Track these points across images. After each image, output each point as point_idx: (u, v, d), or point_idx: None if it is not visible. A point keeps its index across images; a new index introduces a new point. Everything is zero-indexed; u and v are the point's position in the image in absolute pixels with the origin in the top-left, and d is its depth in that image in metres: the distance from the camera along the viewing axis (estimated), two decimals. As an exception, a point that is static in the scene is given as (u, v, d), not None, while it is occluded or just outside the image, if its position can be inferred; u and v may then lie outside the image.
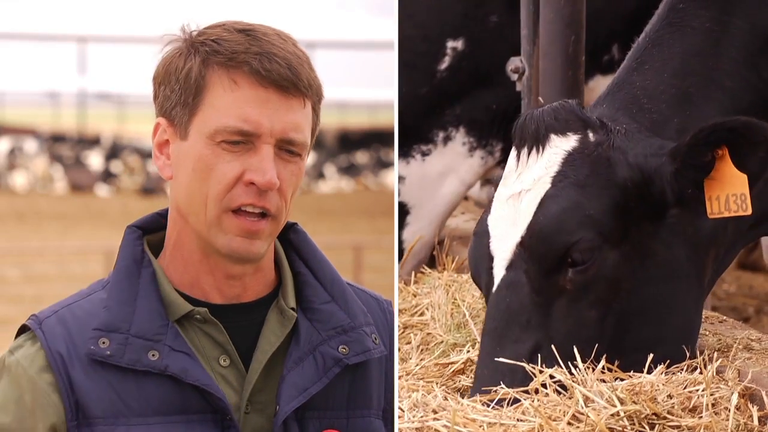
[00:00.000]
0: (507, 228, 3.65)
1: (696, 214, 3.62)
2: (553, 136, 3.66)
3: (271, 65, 2.38)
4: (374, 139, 36.73)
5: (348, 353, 2.48)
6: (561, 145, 3.65)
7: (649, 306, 3.59)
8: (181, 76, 2.41)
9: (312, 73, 2.43)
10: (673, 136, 3.69)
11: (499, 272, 3.65)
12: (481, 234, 3.72)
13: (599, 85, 4.75)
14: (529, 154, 3.67)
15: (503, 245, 3.64)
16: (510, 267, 3.62)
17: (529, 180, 3.65)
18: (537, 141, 3.66)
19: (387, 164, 33.40)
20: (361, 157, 35.54)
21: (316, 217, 23.26)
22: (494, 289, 3.64)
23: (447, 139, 5.11)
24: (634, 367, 3.48)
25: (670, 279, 3.61)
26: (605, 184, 3.60)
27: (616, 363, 3.47)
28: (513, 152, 3.74)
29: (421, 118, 5.06)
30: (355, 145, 36.72)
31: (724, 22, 3.80)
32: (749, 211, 3.57)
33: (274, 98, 2.39)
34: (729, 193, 3.58)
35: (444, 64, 5.06)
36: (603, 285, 3.56)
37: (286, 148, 2.41)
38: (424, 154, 5.12)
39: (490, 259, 3.67)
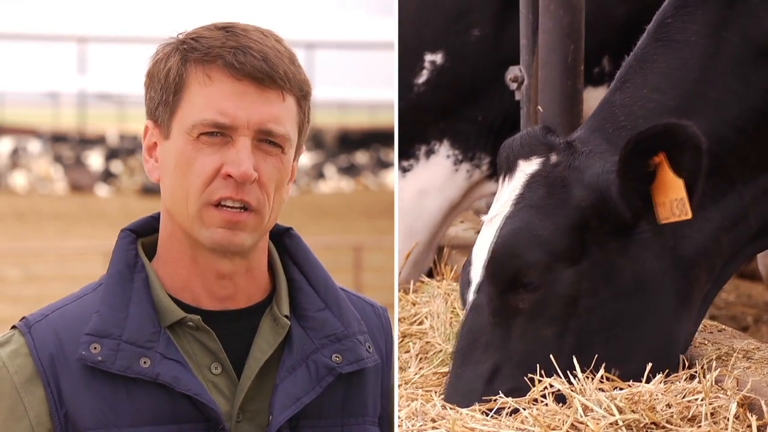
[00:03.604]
0: (481, 253, 3.70)
1: (679, 227, 3.62)
2: (519, 162, 3.74)
3: (246, 58, 2.36)
4: (374, 139, 36.73)
5: (341, 362, 2.45)
6: (525, 169, 3.73)
7: (615, 321, 3.59)
8: (162, 76, 2.41)
9: (293, 67, 2.40)
10: None
11: (471, 296, 3.71)
12: (467, 263, 3.78)
13: (590, 97, 4.70)
14: (503, 180, 3.76)
15: (477, 270, 3.71)
16: (478, 290, 3.68)
17: (500, 205, 3.72)
18: (508, 167, 3.75)
19: (387, 164, 33.39)
20: (361, 157, 35.53)
21: (316, 217, 23.26)
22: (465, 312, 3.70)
23: (430, 153, 5.05)
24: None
25: (640, 294, 3.61)
26: (559, 204, 3.63)
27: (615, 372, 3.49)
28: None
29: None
30: (355, 145, 36.72)
31: (711, 34, 3.79)
32: (689, 215, 3.55)
33: (251, 91, 2.37)
34: (672, 198, 3.57)
35: (422, 78, 5.00)
36: (558, 303, 3.58)
37: (266, 140, 2.38)
38: (405, 170, 5.06)
39: (470, 285, 3.73)
